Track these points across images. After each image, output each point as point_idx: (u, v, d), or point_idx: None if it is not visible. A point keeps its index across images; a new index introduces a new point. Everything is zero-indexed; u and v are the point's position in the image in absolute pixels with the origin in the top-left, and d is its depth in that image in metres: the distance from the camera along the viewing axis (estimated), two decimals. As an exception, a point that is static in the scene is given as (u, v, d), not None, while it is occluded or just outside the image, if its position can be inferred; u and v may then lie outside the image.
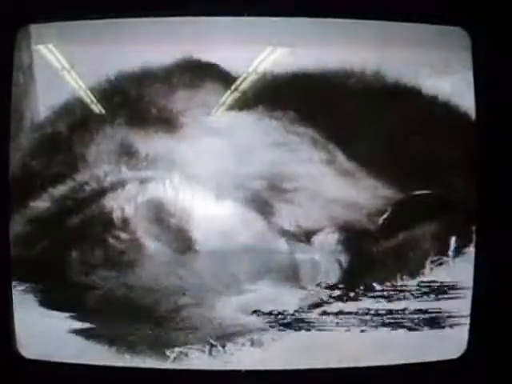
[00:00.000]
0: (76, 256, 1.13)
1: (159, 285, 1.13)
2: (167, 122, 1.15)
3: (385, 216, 1.15)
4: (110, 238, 1.12)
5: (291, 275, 1.14)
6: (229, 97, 1.15)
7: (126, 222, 1.12)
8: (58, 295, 1.14)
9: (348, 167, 1.15)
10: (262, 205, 1.14)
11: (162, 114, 1.16)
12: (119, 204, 1.13)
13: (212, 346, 1.13)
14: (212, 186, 1.13)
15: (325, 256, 1.15)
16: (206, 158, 1.14)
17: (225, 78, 1.14)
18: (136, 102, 1.16)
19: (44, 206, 1.14)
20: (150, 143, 1.15)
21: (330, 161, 1.16)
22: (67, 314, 1.14)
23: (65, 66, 1.14)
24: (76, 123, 1.16)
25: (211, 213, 1.13)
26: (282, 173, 1.15)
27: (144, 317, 1.13)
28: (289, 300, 1.14)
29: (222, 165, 1.14)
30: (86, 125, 1.16)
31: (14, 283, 1.12)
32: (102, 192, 1.14)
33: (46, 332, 1.13)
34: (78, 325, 1.14)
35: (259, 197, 1.14)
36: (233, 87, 1.15)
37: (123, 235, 1.12)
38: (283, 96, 1.15)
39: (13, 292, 1.11)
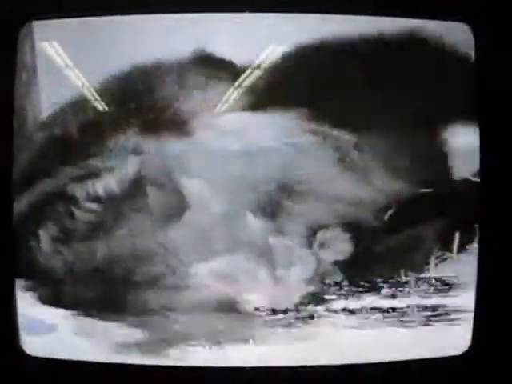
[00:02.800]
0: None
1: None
2: (174, 121, 1.15)
3: (389, 213, 1.14)
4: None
5: (294, 272, 1.15)
6: (238, 96, 1.14)
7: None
8: (58, 292, 1.14)
9: (354, 165, 1.15)
10: (270, 205, 1.14)
11: (165, 111, 1.15)
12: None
13: (215, 342, 1.13)
14: (221, 187, 1.14)
15: (329, 253, 1.15)
16: (215, 158, 1.14)
17: (234, 78, 1.14)
18: (140, 100, 1.16)
19: (42, 201, 1.15)
20: (155, 141, 1.14)
21: (338, 159, 1.15)
22: (69, 311, 1.14)
23: (68, 64, 1.14)
24: (79, 121, 1.16)
25: (218, 213, 1.14)
26: (292, 172, 1.15)
27: (146, 314, 1.14)
28: (292, 296, 1.14)
29: (232, 166, 1.14)
30: (89, 123, 1.16)
31: (17, 280, 1.12)
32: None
33: (49, 329, 1.13)
34: (80, 322, 1.14)
35: (268, 197, 1.14)
36: (241, 85, 1.14)
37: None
38: (293, 94, 1.15)
39: (16, 289, 1.12)
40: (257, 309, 1.14)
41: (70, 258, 1.14)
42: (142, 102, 1.15)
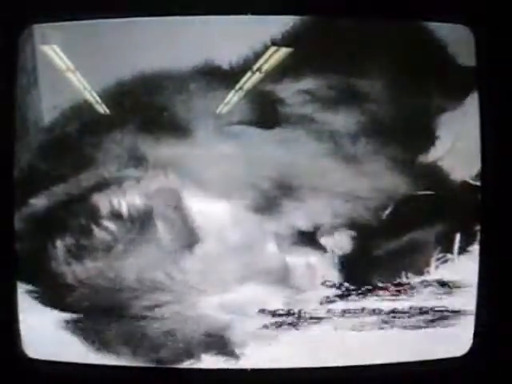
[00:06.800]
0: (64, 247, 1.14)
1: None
2: (174, 125, 1.15)
3: (389, 214, 1.15)
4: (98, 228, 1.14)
5: (295, 274, 1.15)
6: (239, 99, 1.15)
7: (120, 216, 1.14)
8: (59, 295, 1.15)
9: (353, 162, 1.16)
10: (268, 204, 1.14)
11: (166, 115, 1.15)
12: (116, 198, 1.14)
13: (217, 344, 1.13)
14: (218, 188, 1.14)
15: (330, 254, 1.15)
16: (212, 159, 1.14)
17: (235, 81, 1.14)
18: (141, 103, 1.16)
19: (44, 203, 1.15)
20: (156, 147, 1.14)
21: (336, 155, 1.15)
22: (70, 315, 1.14)
23: (69, 67, 1.14)
24: (79, 125, 1.16)
25: (216, 214, 1.14)
26: (289, 169, 1.15)
27: (143, 316, 1.14)
28: (293, 299, 1.14)
29: (230, 166, 1.14)
30: (90, 126, 1.16)
31: (18, 284, 1.12)
32: (101, 187, 1.15)
33: (50, 332, 1.13)
34: (80, 325, 1.14)
35: (267, 197, 1.14)
36: (242, 88, 1.14)
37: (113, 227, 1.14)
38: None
39: (17, 293, 1.12)
40: (259, 310, 1.14)
41: (79, 273, 1.14)
42: (142, 106, 1.15)
